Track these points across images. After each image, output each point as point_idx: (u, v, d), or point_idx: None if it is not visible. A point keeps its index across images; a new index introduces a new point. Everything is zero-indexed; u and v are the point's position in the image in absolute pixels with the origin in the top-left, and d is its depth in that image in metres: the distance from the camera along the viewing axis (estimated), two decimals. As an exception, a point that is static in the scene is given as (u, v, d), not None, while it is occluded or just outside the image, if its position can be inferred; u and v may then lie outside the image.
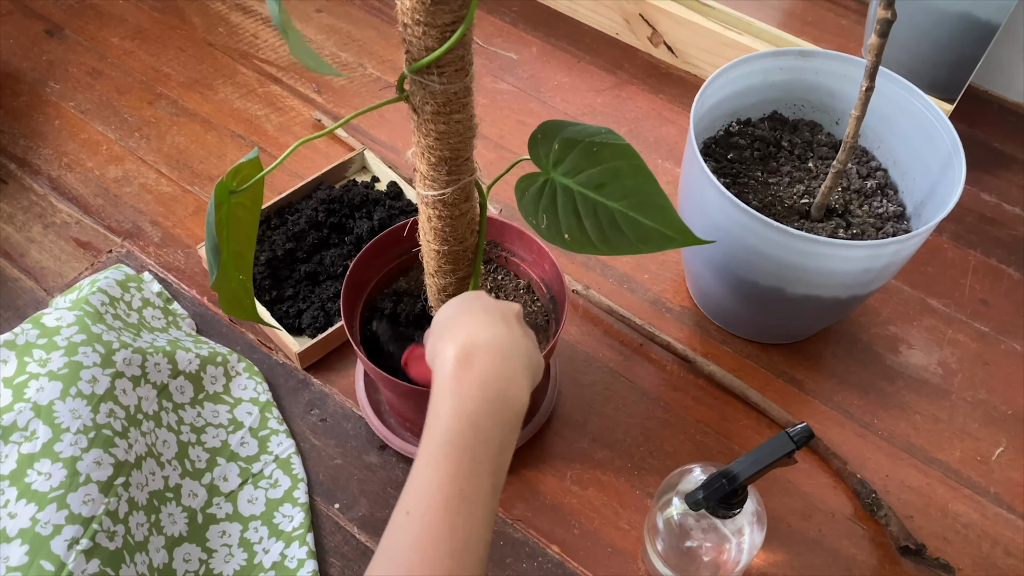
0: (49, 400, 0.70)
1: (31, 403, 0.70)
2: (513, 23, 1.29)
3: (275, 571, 0.76)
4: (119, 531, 0.68)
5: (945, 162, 0.83)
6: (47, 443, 0.68)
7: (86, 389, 0.72)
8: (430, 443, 0.53)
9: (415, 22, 0.53)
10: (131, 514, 0.70)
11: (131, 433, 0.74)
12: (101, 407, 0.72)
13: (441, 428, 0.53)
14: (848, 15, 1.31)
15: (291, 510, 0.80)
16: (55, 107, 1.15)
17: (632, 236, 0.62)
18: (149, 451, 0.76)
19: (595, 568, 0.80)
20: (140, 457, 0.74)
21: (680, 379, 0.93)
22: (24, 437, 0.68)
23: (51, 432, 0.69)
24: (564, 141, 0.63)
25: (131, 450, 0.73)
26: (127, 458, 0.72)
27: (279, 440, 0.85)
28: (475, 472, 0.52)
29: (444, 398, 0.54)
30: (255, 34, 1.26)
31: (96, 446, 0.70)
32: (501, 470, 0.54)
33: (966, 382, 0.93)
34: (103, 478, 0.69)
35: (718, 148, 0.93)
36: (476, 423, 0.53)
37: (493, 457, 0.53)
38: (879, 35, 0.71)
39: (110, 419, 0.72)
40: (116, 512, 0.68)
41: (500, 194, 1.07)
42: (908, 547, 0.79)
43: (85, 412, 0.71)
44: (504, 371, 0.56)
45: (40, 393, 0.71)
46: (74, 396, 0.71)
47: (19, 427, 0.69)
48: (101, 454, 0.70)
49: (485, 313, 0.60)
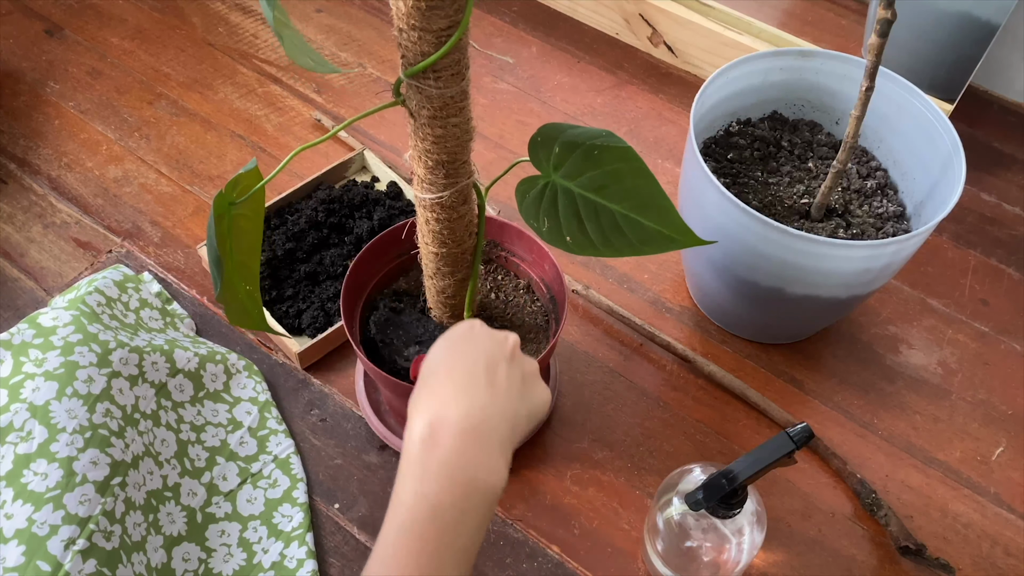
0: (45, 400, 0.70)
1: (27, 403, 0.70)
2: (513, 23, 1.29)
3: (274, 571, 0.76)
4: (116, 531, 0.68)
5: (945, 162, 0.83)
6: (43, 443, 0.68)
7: (82, 389, 0.72)
8: (390, 528, 0.49)
9: (410, 27, 0.53)
10: (128, 514, 0.70)
11: (128, 433, 0.74)
12: (97, 407, 0.72)
13: (401, 513, 0.49)
14: (848, 15, 1.31)
15: (290, 510, 0.80)
16: (55, 107, 1.15)
17: (634, 238, 0.62)
18: (147, 450, 0.76)
19: (595, 568, 0.80)
20: (137, 457, 0.74)
21: (680, 379, 0.93)
22: (20, 437, 0.68)
23: (47, 432, 0.69)
24: (565, 144, 0.63)
25: (128, 450, 0.73)
26: (124, 458, 0.72)
27: (278, 440, 0.85)
28: (438, 562, 0.48)
29: (406, 481, 0.50)
30: (255, 34, 1.26)
31: (92, 446, 0.70)
32: (468, 558, 0.50)
33: (966, 382, 0.94)
34: (99, 478, 0.69)
35: (718, 148, 0.93)
36: (439, 512, 0.49)
37: (460, 548, 0.49)
38: (879, 35, 0.71)
39: (106, 419, 0.72)
40: (113, 512, 0.68)
41: (499, 194, 1.07)
42: (908, 547, 0.79)
43: (81, 412, 0.71)
44: (476, 455, 0.50)
45: (36, 393, 0.70)
46: (70, 396, 0.71)
47: (15, 427, 0.69)
48: (97, 454, 0.70)
49: (466, 373, 0.54)
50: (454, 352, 0.56)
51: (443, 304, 0.76)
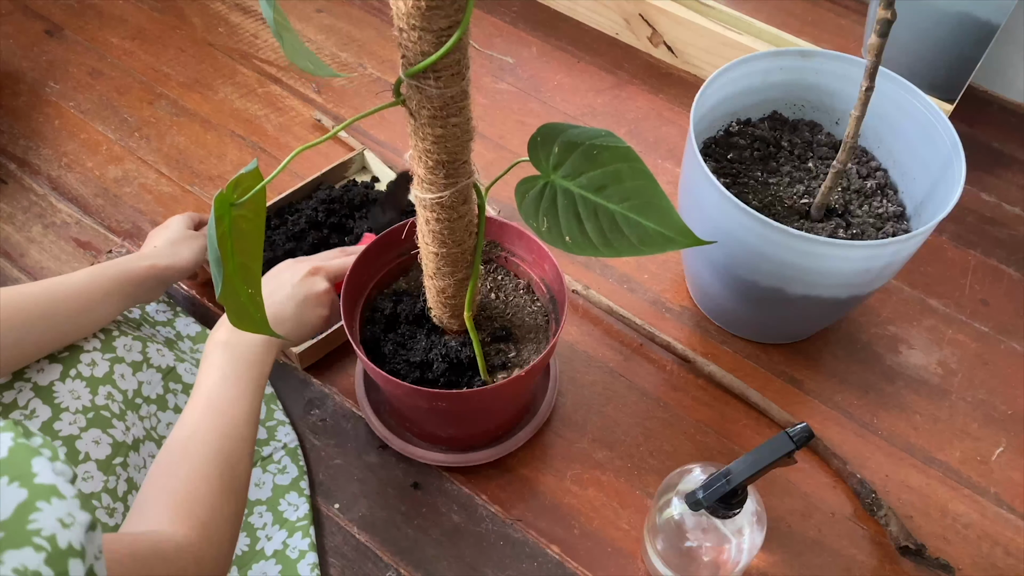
0: (49, 381, 0.72)
1: (31, 383, 0.72)
2: (513, 23, 1.29)
3: (276, 559, 0.77)
4: (119, 508, 0.70)
5: (945, 162, 0.83)
6: (46, 421, 0.70)
7: (85, 372, 0.74)
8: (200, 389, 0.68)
9: (411, 27, 0.53)
10: (130, 493, 0.72)
11: (128, 417, 0.75)
12: (100, 389, 0.74)
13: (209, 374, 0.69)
14: (848, 15, 1.31)
15: (297, 499, 0.81)
16: (55, 107, 1.15)
17: (633, 238, 0.62)
18: (148, 434, 0.77)
19: (595, 568, 0.80)
20: (138, 440, 0.75)
21: (680, 379, 0.93)
22: (24, 415, 0.70)
23: (50, 411, 0.71)
24: (564, 144, 0.63)
25: (128, 432, 0.74)
26: (125, 439, 0.74)
27: (286, 431, 0.85)
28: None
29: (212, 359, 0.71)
30: (255, 34, 1.26)
31: (94, 426, 0.72)
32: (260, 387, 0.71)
33: (966, 382, 0.94)
34: (102, 456, 0.71)
35: (718, 148, 0.93)
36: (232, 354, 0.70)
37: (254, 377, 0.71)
38: (879, 35, 0.71)
39: (108, 401, 0.74)
40: (115, 490, 0.70)
41: (499, 194, 1.07)
42: (908, 547, 0.79)
43: (84, 393, 0.73)
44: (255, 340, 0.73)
45: (40, 374, 0.72)
46: (73, 378, 0.73)
47: (19, 405, 0.70)
48: (100, 434, 0.72)
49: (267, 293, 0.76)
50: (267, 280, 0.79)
51: (443, 304, 0.76)
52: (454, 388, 0.77)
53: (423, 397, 0.74)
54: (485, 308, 0.83)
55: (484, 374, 0.77)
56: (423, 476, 0.85)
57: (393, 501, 0.83)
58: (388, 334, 0.81)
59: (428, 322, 0.81)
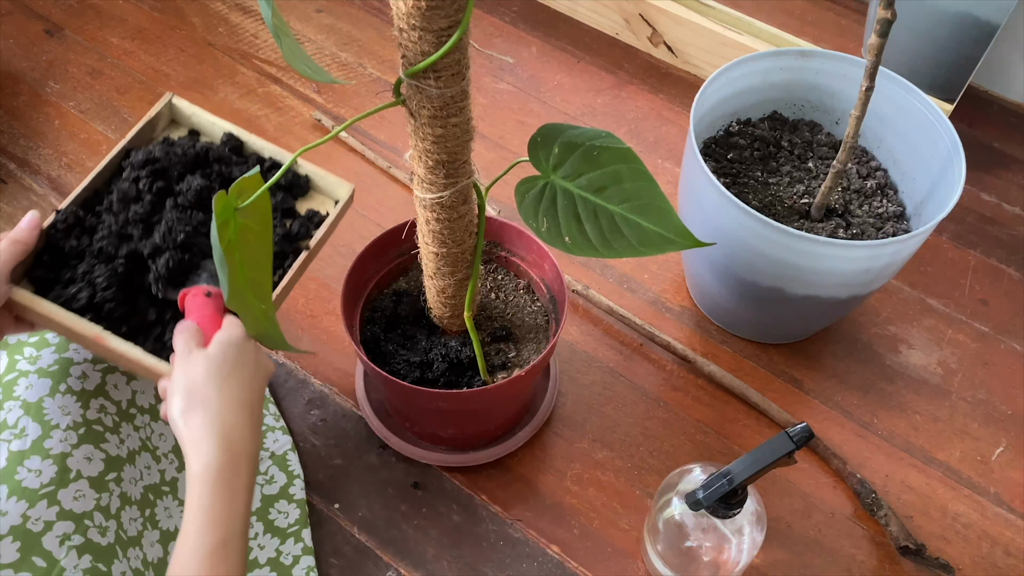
0: (38, 397, 0.70)
1: (20, 401, 0.70)
2: (513, 23, 1.29)
3: (270, 567, 0.76)
4: (111, 526, 0.68)
5: (945, 162, 0.83)
6: (37, 440, 0.68)
7: (76, 385, 0.72)
8: None
9: (411, 27, 0.53)
10: (123, 509, 0.70)
11: (123, 428, 0.74)
12: (91, 403, 0.72)
13: None
14: (848, 15, 1.31)
15: (287, 506, 0.80)
16: (55, 107, 1.15)
17: (633, 239, 0.62)
18: (143, 445, 0.76)
19: (595, 568, 0.80)
20: (133, 452, 0.74)
21: (680, 379, 0.93)
22: (14, 435, 0.69)
23: (41, 429, 0.69)
24: (564, 145, 0.63)
25: (123, 445, 0.73)
26: (119, 453, 0.72)
27: (275, 437, 0.85)
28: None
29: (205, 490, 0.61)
30: (255, 34, 1.26)
31: (86, 442, 0.70)
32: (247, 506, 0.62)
33: (966, 382, 0.94)
34: (94, 473, 0.69)
35: (718, 148, 0.93)
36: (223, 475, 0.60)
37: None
38: (879, 35, 0.71)
39: (100, 415, 0.72)
40: (108, 507, 0.68)
41: (499, 194, 1.07)
42: (908, 547, 0.79)
43: (75, 408, 0.71)
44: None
45: (29, 391, 0.71)
46: (63, 392, 0.71)
47: (8, 425, 0.69)
48: (92, 450, 0.70)
49: (235, 403, 0.63)
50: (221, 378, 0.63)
51: (443, 304, 0.76)
52: (454, 388, 0.77)
53: (423, 397, 0.74)
54: (485, 308, 0.83)
55: (484, 374, 0.77)
56: (423, 476, 0.85)
57: (393, 501, 0.83)
58: (388, 334, 0.81)
59: (428, 322, 0.81)
